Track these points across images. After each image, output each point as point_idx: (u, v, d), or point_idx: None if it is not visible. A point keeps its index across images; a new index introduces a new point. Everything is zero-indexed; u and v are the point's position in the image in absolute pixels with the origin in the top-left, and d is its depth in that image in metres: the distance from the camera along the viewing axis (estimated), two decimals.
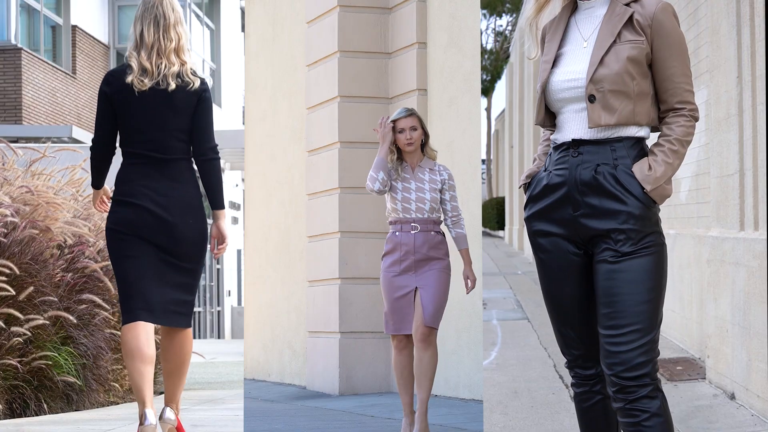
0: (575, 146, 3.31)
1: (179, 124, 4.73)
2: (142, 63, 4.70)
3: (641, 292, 3.23)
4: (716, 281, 6.72)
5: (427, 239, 5.50)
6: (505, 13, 43.45)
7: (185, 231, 4.70)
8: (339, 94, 7.34)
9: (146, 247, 4.66)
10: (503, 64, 41.59)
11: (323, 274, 7.49)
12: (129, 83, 4.69)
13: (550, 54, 3.39)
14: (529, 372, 7.97)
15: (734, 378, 6.25)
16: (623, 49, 3.27)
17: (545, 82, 3.37)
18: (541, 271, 3.45)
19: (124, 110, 4.72)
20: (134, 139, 4.73)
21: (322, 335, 7.43)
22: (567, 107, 3.35)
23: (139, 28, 4.74)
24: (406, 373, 5.51)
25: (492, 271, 18.81)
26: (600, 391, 3.42)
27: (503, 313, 12.26)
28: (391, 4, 7.39)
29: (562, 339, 3.45)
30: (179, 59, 4.74)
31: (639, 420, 3.19)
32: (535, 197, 3.41)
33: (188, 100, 4.73)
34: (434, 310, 5.44)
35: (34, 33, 18.79)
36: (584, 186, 3.28)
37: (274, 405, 7.11)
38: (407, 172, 5.58)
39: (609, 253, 3.26)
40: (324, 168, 7.49)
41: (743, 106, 6.13)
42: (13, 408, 6.40)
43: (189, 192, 4.74)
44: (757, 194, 5.95)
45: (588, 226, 3.29)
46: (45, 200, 6.75)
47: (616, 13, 3.32)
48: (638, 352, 3.21)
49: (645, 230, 3.25)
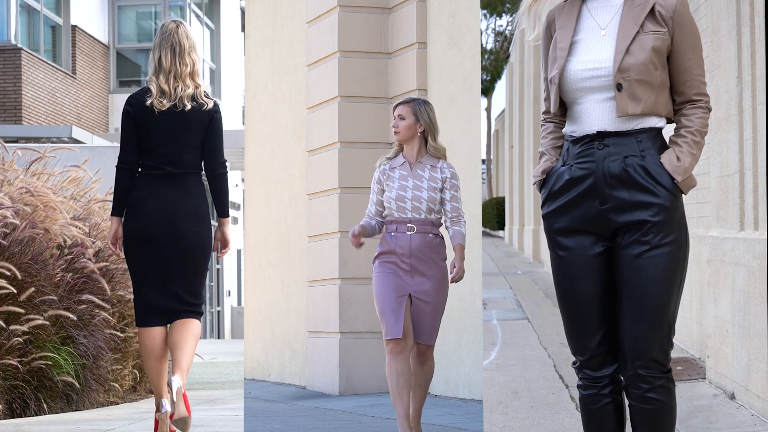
0: (600, 138, 3.28)
1: (192, 141, 5.21)
2: (161, 86, 5.18)
3: (668, 286, 3.25)
4: (716, 281, 6.72)
5: (424, 242, 5.15)
6: (505, 13, 43.42)
7: (191, 239, 5.17)
8: (339, 94, 7.34)
9: (157, 255, 5.15)
10: (503, 64, 41.58)
11: (323, 274, 7.49)
12: (149, 105, 5.17)
13: (565, 42, 3.34)
14: (529, 372, 7.96)
15: (734, 378, 6.25)
16: (647, 39, 3.26)
17: (562, 71, 3.33)
18: (560, 270, 3.39)
19: (145, 128, 5.19)
20: (152, 153, 5.19)
21: (322, 335, 7.43)
22: (587, 97, 3.31)
23: (157, 55, 5.22)
24: (402, 381, 5.15)
25: (492, 271, 18.80)
26: (609, 394, 3.40)
27: (503, 313, 12.26)
28: (391, 4, 7.39)
29: (576, 339, 3.41)
30: (194, 82, 5.23)
31: (653, 408, 3.28)
32: (556, 193, 3.36)
33: (201, 120, 5.22)
34: (432, 328, 5.20)
35: (34, 33, 18.78)
36: (613, 179, 3.26)
37: (274, 405, 7.11)
38: (405, 168, 5.25)
39: (637, 245, 3.25)
40: (324, 168, 7.49)
41: (743, 106, 6.13)
42: (13, 408, 6.39)
43: (196, 203, 5.21)
44: (757, 194, 5.95)
45: (615, 220, 3.27)
46: (44, 202, 6.75)
47: (636, 4, 3.31)
48: (662, 345, 3.28)
49: (674, 222, 3.26)
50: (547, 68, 3.46)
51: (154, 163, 5.19)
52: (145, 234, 5.14)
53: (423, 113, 5.24)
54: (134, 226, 5.17)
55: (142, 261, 5.17)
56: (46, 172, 7.36)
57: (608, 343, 3.36)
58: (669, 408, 3.31)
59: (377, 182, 5.27)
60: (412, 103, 5.24)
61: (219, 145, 5.29)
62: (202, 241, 5.21)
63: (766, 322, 5.64)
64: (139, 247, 5.16)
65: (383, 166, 5.28)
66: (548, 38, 3.45)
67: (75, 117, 19.29)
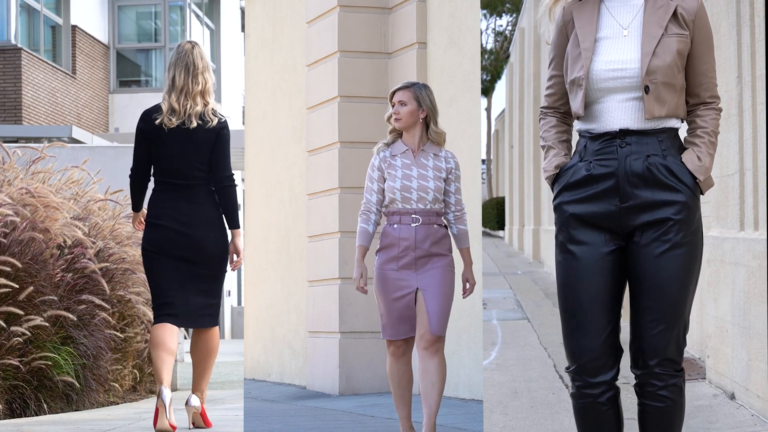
0: (622, 136, 3.28)
1: (199, 157, 5.56)
2: (171, 104, 5.56)
3: (686, 285, 3.27)
4: (716, 281, 6.72)
5: (429, 233, 4.85)
6: (505, 13, 43.45)
7: (206, 244, 5.55)
8: (339, 94, 7.34)
9: (173, 263, 5.52)
10: (503, 64, 41.58)
11: (323, 274, 7.49)
12: (159, 123, 5.55)
13: (588, 41, 3.32)
14: (529, 372, 7.96)
15: (734, 378, 6.25)
16: (671, 42, 3.28)
17: (588, 71, 3.31)
18: (569, 264, 3.32)
19: (156, 144, 5.58)
20: (163, 168, 5.59)
21: (322, 335, 7.43)
22: (610, 96, 3.30)
23: (172, 73, 5.59)
24: (404, 383, 4.90)
25: (492, 271, 18.80)
26: (606, 402, 3.33)
27: (503, 313, 12.26)
28: (391, 4, 7.39)
29: (577, 340, 3.31)
30: (203, 100, 5.59)
31: (665, 406, 3.30)
32: (572, 185, 3.32)
33: (207, 137, 5.57)
34: (441, 316, 4.84)
35: (34, 33, 18.78)
36: (636, 177, 3.26)
37: (274, 405, 7.11)
38: (408, 156, 4.93)
39: (658, 243, 3.25)
40: (324, 168, 7.49)
41: (743, 106, 6.13)
42: (13, 408, 6.40)
43: (208, 211, 5.58)
44: (757, 194, 5.94)
45: (635, 218, 3.27)
46: (44, 203, 6.74)
47: (659, 5, 3.32)
48: (677, 344, 3.29)
49: (694, 222, 3.28)
50: (556, 65, 3.44)
51: (166, 177, 5.58)
52: (163, 243, 5.52)
53: (425, 98, 4.95)
54: (153, 236, 5.56)
55: (161, 268, 5.53)
56: (46, 171, 7.36)
57: (611, 346, 3.32)
58: (679, 407, 3.32)
59: (377, 169, 4.94)
60: (412, 88, 4.96)
61: (226, 160, 5.63)
62: (218, 247, 5.58)
63: (766, 322, 5.64)
64: (158, 256, 5.53)
65: (383, 152, 4.96)
66: (563, 36, 3.42)
67: (75, 117, 19.29)
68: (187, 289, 5.52)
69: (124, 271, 7.34)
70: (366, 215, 4.94)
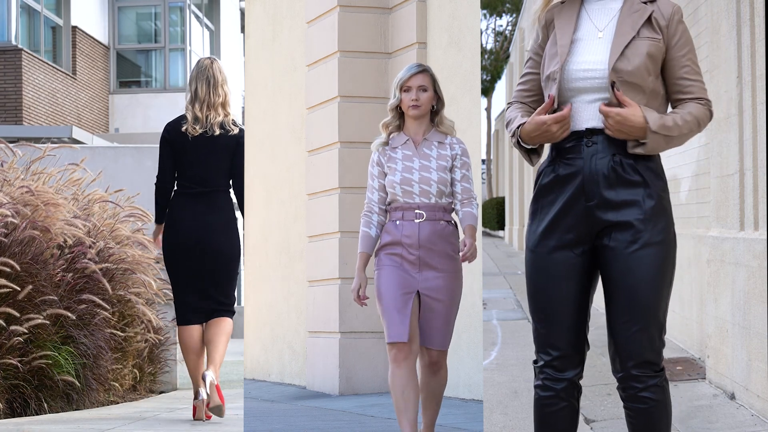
0: (589, 135, 3.27)
1: (220, 164, 5.97)
2: (195, 113, 5.97)
3: (659, 286, 3.24)
4: (716, 281, 6.72)
5: (434, 230, 4.45)
6: (505, 13, 43.47)
7: (223, 247, 5.96)
8: (339, 94, 7.34)
9: (191, 263, 5.95)
10: (503, 64, 41.59)
11: (323, 274, 7.49)
12: (184, 130, 5.96)
13: (565, 40, 3.34)
14: (529, 372, 7.95)
15: (734, 378, 6.25)
16: (643, 44, 3.27)
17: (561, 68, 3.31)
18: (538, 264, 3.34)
19: (180, 152, 5.98)
20: (185, 173, 5.99)
21: (322, 335, 7.43)
22: (578, 97, 3.30)
23: (194, 86, 6.00)
24: (407, 392, 4.42)
25: (492, 271, 18.80)
26: (566, 398, 3.36)
27: (503, 313, 12.26)
28: (391, 4, 7.39)
29: (545, 337, 3.35)
30: (224, 111, 6.02)
31: (648, 407, 3.28)
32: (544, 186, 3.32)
33: (228, 145, 5.98)
34: (447, 333, 4.53)
35: (35, 34, 18.79)
36: (600, 177, 3.25)
37: (274, 405, 7.11)
38: (409, 147, 4.55)
39: (626, 244, 3.23)
40: (324, 168, 7.49)
41: (743, 106, 6.13)
42: (14, 407, 6.40)
43: (224, 215, 5.99)
44: (757, 194, 5.95)
45: (602, 218, 3.26)
46: (44, 201, 6.74)
47: (635, 9, 3.33)
48: (655, 343, 3.28)
49: (662, 221, 3.25)
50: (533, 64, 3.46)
51: (188, 182, 5.98)
52: (182, 245, 5.94)
53: (438, 83, 4.59)
54: (172, 239, 5.98)
55: (180, 268, 5.97)
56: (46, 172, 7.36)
57: (578, 344, 3.34)
58: (663, 406, 3.31)
59: (377, 164, 4.56)
60: (429, 72, 4.56)
61: (243, 167, 6.02)
62: (232, 249, 6.01)
63: (766, 322, 5.64)
64: (177, 257, 5.96)
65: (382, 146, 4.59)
66: (544, 36, 3.45)
67: (75, 117, 19.30)
68: (206, 287, 5.98)
69: (124, 271, 7.35)
70: (368, 217, 4.58)
